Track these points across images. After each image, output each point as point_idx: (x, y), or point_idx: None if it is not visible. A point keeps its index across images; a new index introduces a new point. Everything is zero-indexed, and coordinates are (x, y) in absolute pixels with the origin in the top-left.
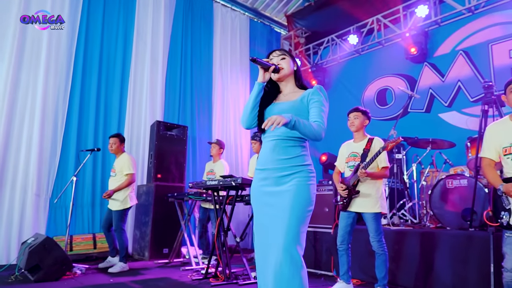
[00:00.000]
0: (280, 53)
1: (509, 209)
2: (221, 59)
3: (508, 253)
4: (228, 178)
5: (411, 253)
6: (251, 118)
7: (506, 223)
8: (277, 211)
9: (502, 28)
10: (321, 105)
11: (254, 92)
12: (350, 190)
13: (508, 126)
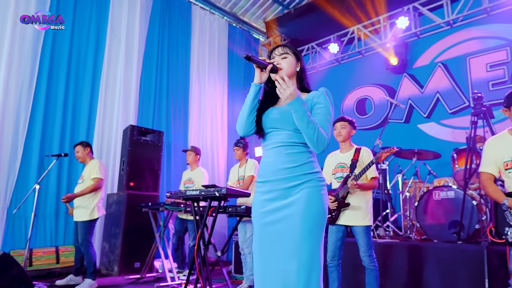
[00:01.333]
0: (282, 50)
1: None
2: (199, 63)
3: None
4: (211, 188)
5: (400, 267)
6: (248, 124)
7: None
8: (286, 229)
9: (479, 42)
10: (327, 113)
11: (250, 95)
12: (340, 203)
13: (509, 140)
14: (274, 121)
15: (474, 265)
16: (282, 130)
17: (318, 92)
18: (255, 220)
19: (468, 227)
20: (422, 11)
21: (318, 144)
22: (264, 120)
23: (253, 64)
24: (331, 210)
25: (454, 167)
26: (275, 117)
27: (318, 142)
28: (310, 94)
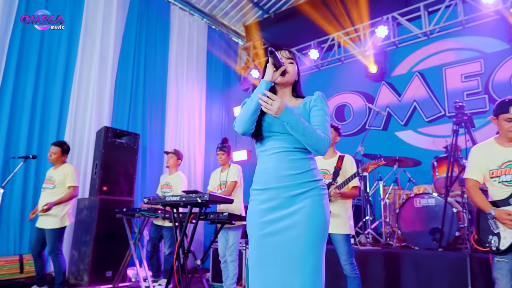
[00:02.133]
0: (290, 55)
1: (497, 234)
2: (177, 64)
3: (499, 278)
4: (192, 194)
5: (380, 274)
6: (250, 122)
7: (496, 248)
8: (288, 240)
9: (455, 53)
10: (325, 114)
11: (261, 90)
12: None
13: (495, 149)
14: (276, 125)
15: (455, 272)
16: (284, 135)
17: (314, 95)
18: (252, 230)
19: (448, 234)
20: (401, 21)
21: (318, 147)
22: (264, 123)
23: (270, 61)
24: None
25: (435, 175)
26: (275, 121)
27: (318, 145)
28: (307, 97)
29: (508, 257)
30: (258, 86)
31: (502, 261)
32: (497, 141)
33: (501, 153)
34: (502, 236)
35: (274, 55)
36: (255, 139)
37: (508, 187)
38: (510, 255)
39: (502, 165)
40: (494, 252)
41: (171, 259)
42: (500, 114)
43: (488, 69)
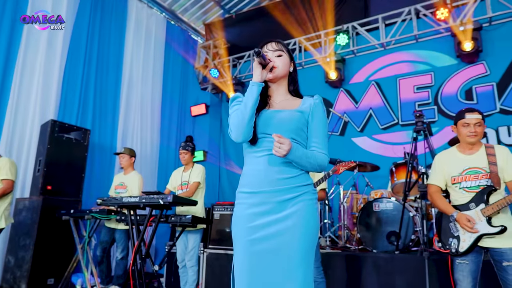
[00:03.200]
0: (276, 47)
1: (457, 236)
2: (133, 58)
3: (461, 279)
4: (154, 195)
5: (341, 277)
6: (249, 128)
7: (455, 250)
8: (280, 245)
9: (408, 66)
10: (325, 127)
11: (253, 94)
12: None
13: (457, 157)
14: (270, 126)
15: (413, 274)
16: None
17: (315, 100)
18: (240, 235)
19: (405, 237)
20: (360, 31)
21: (322, 169)
22: (258, 124)
23: (257, 61)
24: None
25: (393, 180)
26: (272, 122)
27: (321, 168)
28: (306, 101)
29: (469, 259)
30: (248, 89)
31: (463, 263)
32: (459, 149)
33: (462, 161)
34: (462, 238)
35: (260, 55)
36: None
37: (468, 193)
38: (470, 257)
39: (463, 172)
40: (453, 254)
41: (123, 264)
42: (458, 121)
43: (437, 82)
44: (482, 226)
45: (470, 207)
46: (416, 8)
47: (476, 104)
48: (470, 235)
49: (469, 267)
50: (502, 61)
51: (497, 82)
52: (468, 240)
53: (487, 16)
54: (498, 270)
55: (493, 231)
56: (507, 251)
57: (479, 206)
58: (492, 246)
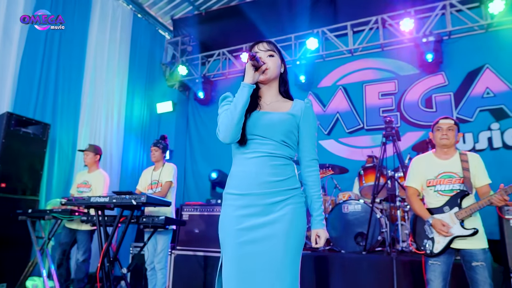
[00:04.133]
0: (268, 47)
1: (432, 238)
2: (97, 51)
3: (432, 279)
4: (126, 195)
5: (309, 277)
6: (237, 130)
7: (430, 251)
8: (267, 250)
9: (374, 72)
10: (315, 132)
11: (244, 96)
12: None
13: (433, 161)
14: (260, 128)
15: (382, 274)
16: (268, 140)
17: (306, 104)
18: (228, 238)
19: (372, 238)
20: (329, 36)
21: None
22: (248, 125)
23: (250, 63)
24: None
25: (361, 183)
26: (262, 124)
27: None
28: (296, 105)
29: (441, 260)
30: (240, 90)
31: (435, 264)
32: (435, 154)
33: (438, 165)
34: (436, 240)
35: (254, 59)
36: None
37: (443, 196)
38: (442, 258)
39: (438, 176)
40: (428, 255)
41: (85, 267)
42: (433, 127)
43: (401, 89)
44: (456, 229)
45: (444, 210)
46: (383, 18)
47: (435, 112)
48: (444, 237)
49: (441, 268)
50: (459, 73)
51: (454, 92)
52: (443, 241)
53: (447, 30)
54: (467, 269)
55: (466, 233)
56: (477, 252)
57: (453, 210)
58: (464, 247)
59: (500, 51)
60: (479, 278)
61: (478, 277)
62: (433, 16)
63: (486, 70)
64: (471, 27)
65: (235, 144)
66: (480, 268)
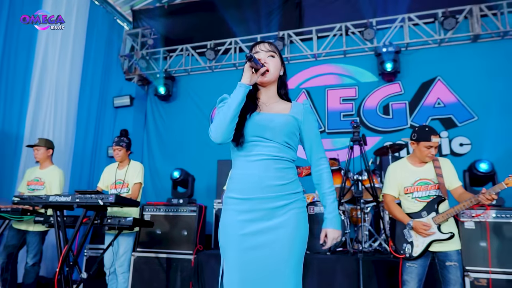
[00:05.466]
0: (270, 48)
1: (411, 242)
2: (49, 38)
3: (408, 280)
4: (92, 195)
5: None
6: (229, 130)
7: (409, 254)
8: (271, 256)
9: (336, 78)
10: (318, 131)
11: (239, 96)
12: None
13: (408, 168)
14: (262, 130)
15: (348, 275)
16: (270, 142)
17: (305, 106)
18: (231, 243)
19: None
20: (295, 39)
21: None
22: (249, 126)
23: (248, 64)
24: None
25: None
26: (264, 125)
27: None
28: (295, 106)
29: (418, 263)
30: (235, 90)
31: (412, 266)
32: (410, 161)
33: (414, 173)
34: (415, 244)
35: (252, 60)
36: (235, 143)
37: (420, 202)
38: (419, 261)
39: (415, 183)
40: (407, 258)
41: (34, 272)
42: (422, 141)
43: (361, 95)
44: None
45: (422, 215)
46: (347, 26)
47: (391, 118)
48: (423, 240)
49: (417, 270)
50: (414, 83)
51: (409, 101)
52: (421, 245)
53: (405, 41)
54: (441, 268)
55: (443, 237)
56: (452, 253)
57: (431, 215)
58: (440, 250)
59: (451, 65)
60: (452, 277)
61: (451, 276)
62: (393, 27)
63: (438, 82)
64: (426, 41)
65: (236, 146)
66: (453, 268)
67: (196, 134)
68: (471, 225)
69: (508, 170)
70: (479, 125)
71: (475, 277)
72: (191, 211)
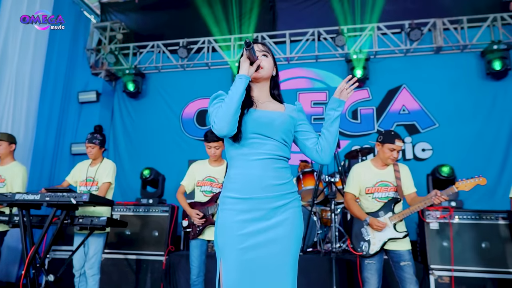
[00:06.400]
0: (263, 48)
1: (368, 240)
2: (10, 26)
3: (369, 277)
4: (64, 193)
5: None
6: (234, 122)
7: (366, 252)
8: (270, 255)
9: (307, 82)
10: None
11: (240, 87)
12: (208, 220)
13: (371, 170)
14: (261, 126)
15: (321, 274)
16: (270, 140)
17: (298, 107)
18: (229, 244)
19: (308, 240)
20: (268, 42)
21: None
22: (248, 122)
23: (246, 54)
24: (196, 225)
25: (300, 186)
26: (263, 122)
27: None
28: (288, 106)
29: (376, 259)
30: (235, 82)
31: (371, 263)
32: (373, 164)
33: (376, 175)
34: (372, 242)
35: (251, 47)
36: (232, 140)
37: (379, 202)
38: (377, 257)
39: (376, 184)
40: (364, 256)
41: None
42: (386, 143)
43: None
44: (390, 231)
45: (380, 215)
46: (319, 31)
47: (359, 123)
48: (380, 238)
49: (376, 266)
50: (381, 90)
51: (376, 107)
52: (378, 243)
53: (374, 50)
54: (396, 269)
55: (398, 236)
56: (404, 253)
57: (387, 214)
58: (394, 248)
59: (415, 74)
60: (407, 276)
61: (406, 275)
62: (363, 35)
63: (403, 90)
64: (393, 50)
65: (232, 144)
66: (407, 267)
67: (166, 133)
68: (436, 226)
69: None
70: (440, 132)
71: (439, 275)
72: (163, 211)
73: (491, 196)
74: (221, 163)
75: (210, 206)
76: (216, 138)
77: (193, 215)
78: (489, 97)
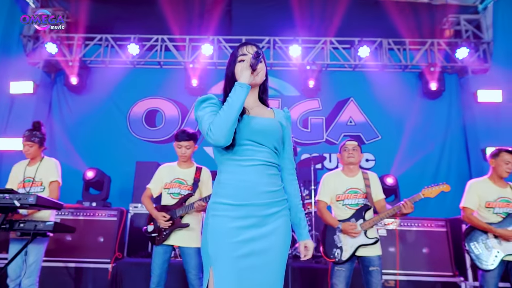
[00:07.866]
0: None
1: (340, 247)
2: None
3: (337, 284)
4: (5, 194)
5: None
6: (232, 132)
7: (338, 259)
8: (263, 263)
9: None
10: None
11: (241, 97)
12: (175, 222)
13: (341, 178)
14: (255, 134)
15: (295, 279)
16: (263, 147)
17: (287, 114)
18: (223, 251)
19: None
20: (223, 46)
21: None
22: (242, 129)
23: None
24: (162, 229)
25: None
26: (257, 129)
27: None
28: (277, 112)
29: (345, 267)
30: (236, 91)
31: (341, 270)
32: (343, 172)
33: (346, 182)
34: (344, 249)
35: (258, 58)
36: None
37: (349, 209)
38: (347, 265)
39: (346, 191)
40: (337, 262)
41: None
42: (341, 148)
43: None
44: (361, 238)
45: (351, 221)
46: (275, 40)
47: (309, 132)
48: (351, 245)
49: (345, 273)
50: (331, 101)
51: (326, 117)
52: (350, 250)
53: (325, 62)
54: (365, 274)
55: (369, 242)
56: (374, 258)
57: (359, 221)
58: (365, 254)
59: (362, 88)
60: (374, 281)
61: (373, 280)
62: (316, 48)
63: (351, 102)
64: (343, 64)
65: (223, 150)
66: (375, 272)
67: (111, 132)
68: (384, 233)
69: (406, 184)
70: (382, 144)
71: (386, 279)
72: (111, 216)
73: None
74: (190, 165)
75: (178, 208)
76: (187, 137)
77: (159, 218)
78: (425, 114)
